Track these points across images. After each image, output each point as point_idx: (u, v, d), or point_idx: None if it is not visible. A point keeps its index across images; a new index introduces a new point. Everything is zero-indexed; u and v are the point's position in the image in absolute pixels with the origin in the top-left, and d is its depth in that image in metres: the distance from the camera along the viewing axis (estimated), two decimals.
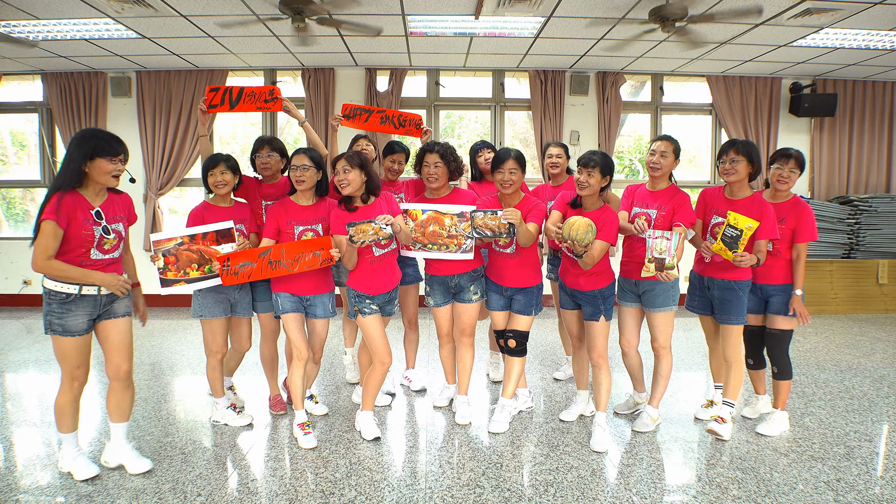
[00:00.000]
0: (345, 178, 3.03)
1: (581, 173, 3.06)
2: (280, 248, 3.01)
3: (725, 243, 2.98)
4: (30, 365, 4.68)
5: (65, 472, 2.76)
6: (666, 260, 2.92)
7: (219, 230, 3.08)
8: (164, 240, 3.00)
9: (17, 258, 7.06)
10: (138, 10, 4.80)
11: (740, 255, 2.94)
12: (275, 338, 3.52)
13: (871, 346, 5.27)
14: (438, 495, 2.60)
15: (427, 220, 3.20)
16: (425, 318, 6.04)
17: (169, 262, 2.99)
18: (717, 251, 3.02)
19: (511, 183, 3.15)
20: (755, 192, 3.17)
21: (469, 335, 3.46)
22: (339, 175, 3.05)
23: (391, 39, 5.74)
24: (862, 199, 6.83)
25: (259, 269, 3.00)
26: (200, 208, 3.22)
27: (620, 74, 6.91)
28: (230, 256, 2.96)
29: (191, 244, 3.02)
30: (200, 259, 3.04)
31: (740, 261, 2.94)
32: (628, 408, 3.59)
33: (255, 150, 3.45)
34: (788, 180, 3.17)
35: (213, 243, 3.06)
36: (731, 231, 2.95)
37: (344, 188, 3.05)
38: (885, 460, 2.95)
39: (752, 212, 3.03)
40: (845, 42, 5.63)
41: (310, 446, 3.11)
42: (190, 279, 3.03)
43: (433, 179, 3.31)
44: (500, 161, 3.16)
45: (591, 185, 3.04)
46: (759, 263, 3.07)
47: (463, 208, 3.19)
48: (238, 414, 3.37)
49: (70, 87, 6.76)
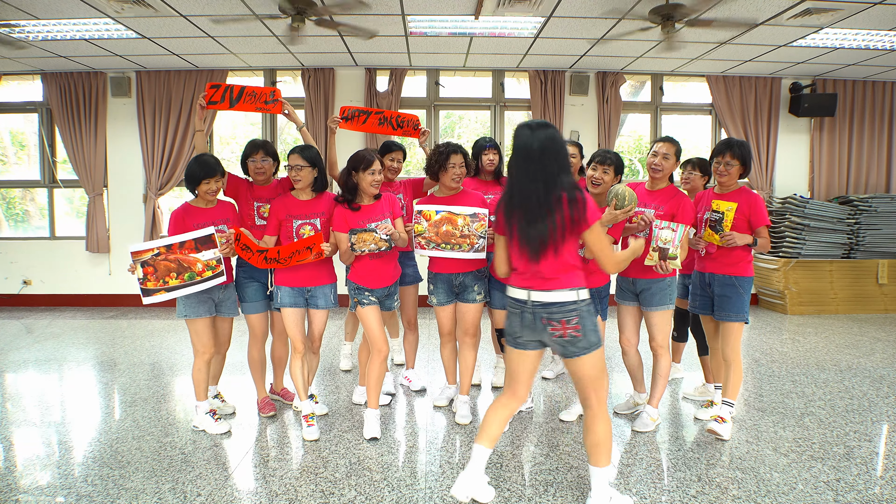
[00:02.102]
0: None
1: (596, 170, 3.12)
2: (276, 251, 3.10)
3: (712, 228, 3.14)
4: (30, 365, 4.68)
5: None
6: (669, 250, 2.99)
7: (197, 238, 3.06)
8: (141, 251, 2.99)
9: (17, 258, 7.06)
10: (138, 9, 4.81)
11: (728, 235, 3.08)
12: (263, 340, 3.52)
13: (870, 346, 5.27)
14: (438, 495, 2.60)
15: (440, 220, 3.22)
16: (425, 319, 6.05)
17: (148, 272, 2.99)
18: (707, 238, 3.17)
19: None
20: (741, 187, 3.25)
21: (472, 335, 3.47)
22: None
23: (391, 39, 5.75)
24: (862, 198, 6.83)
25: (256, 260, 3.13)
26: (181, 210, 3.19)
27: (620, 74, 6.91)
28: (240, 234, 3.10)
29: (168, 254, 3.00)
30: (179, 267, 3.02)
31: (729, 239, 3.07)
32: (628, 408, 3.59)
33: (248, 155, 3.42)
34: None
35: (191, 251, 3.04)
36: (715, 215, 3.13)
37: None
38: (884, 460, 2.95)
39: (741, 201, 3.15)
40: (845, 42, 5.63)
41: (312, 438, 3.17)
42: (170, 287, 3.02)
43: (458, 180, 3.32)
44: None
45: (606, 182, 3.13)
46: (756, 244, 3.15)
47: (476, 209, 3.21)
48: (216, 421, 3.31)
49: (70, 87, 6.76)
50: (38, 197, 7.44)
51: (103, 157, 6.88)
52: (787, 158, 7.27)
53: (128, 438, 3.22)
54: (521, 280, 2.40)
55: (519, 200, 2.34)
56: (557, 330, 2.33)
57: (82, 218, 7.15)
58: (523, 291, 2.38)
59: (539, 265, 2.34)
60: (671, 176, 3.29)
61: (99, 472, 2.81)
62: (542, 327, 2.35)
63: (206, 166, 3.13)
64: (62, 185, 7.12)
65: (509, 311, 2.46)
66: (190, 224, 3.14)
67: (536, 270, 2.35)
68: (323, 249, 3.09)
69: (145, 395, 3.93)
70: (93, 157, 6.83)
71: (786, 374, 4.38)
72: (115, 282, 7.06)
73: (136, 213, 6.97)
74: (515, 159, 2.38)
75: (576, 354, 2.35)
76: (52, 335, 5.68)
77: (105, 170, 6.91)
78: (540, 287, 2.35)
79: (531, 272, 2.36)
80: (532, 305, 2.35)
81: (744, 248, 3.19)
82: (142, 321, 6.32)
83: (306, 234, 3.22)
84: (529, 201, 2.32)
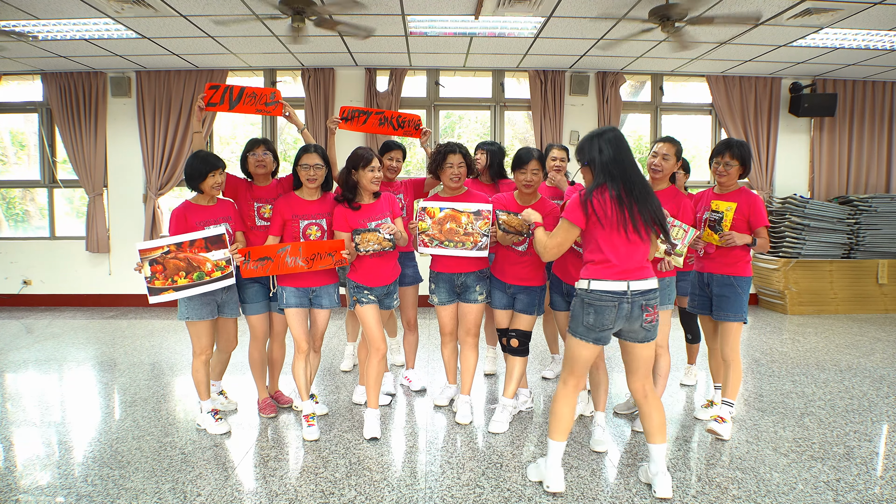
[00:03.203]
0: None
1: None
2: (298, 247, 3.07)
3: (711, 228, 3.17)
4: (30, 365, 4.68)
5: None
6: (678, 246, 3.01)
7: (208, 237, 3.04)
8: (150, 248, 2.95)
9: (17, 258, 7.06)
10: (138, 9, 4.81)
11: (727, 235, 3.10)
12: (264, 341, 3.52)
13: (870, 346, 5.27)
14: (438, 495, 2.60)
15: (444, 217, 3.22)
16: (425, 319, 6.05)
17: (156, 270, 2.95)
18: (706, 238, 3.18)
19: (533, 183, 3.18)
20: (741, 187, 3.26)
21: (474, 335, 3.47)
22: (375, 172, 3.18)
23: (391, 39, 5.75)
24: (862, 198, 6.83)
25: (276, 265, 3.08)
26: (182, 208, 3.18)
27: (620, 74, 6.91)
28: (251, 250, 3.06)
29: (178, 252, 2.98)
30: (188, 266, 3.00)
31: (728, 239, 3.09)
32: (628, 408, 3.59)
33: (250, 149, 3.41)
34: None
35: (201, 250, 3.02)
36: (714, 215, 3.16)
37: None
38: (884, 460, 2.95)
39: (741, 201, 3.17)
40: (845, 42, 5.63)
41: (313, 438, 3.18)
42: (178, 287, 2.99)
43: (456, 179, 3.32)
44: (524, 162, 3.16)
45: None
46: (755, 243, 3.16)
47: (480, 206, 3.20)
48: (217, 421, 3.31)
49: (70, 87, 6.76)
50: (38, 197, 7.44)
51: (103, 157, 6.88)
52: (787, 158, 7.27)
53: (128, 438, 3.22)
54: (615, 273, 2.46)
55: (639, 190, 2.48)
56: (651, 315, 2.50)
57: (82, 218, 7.15)
58: (622, 283, 2.45)
59: (639, 253, 2.49)
60: (672, 176, 3.29)
61: (99, 472, 2.81)
62: (640, 314, 2.48)
63: (209, 159, 3.13)
64: (62, 185, 7.13)
65: (597, 305, 2.47)
66: (192, 222, 3.13)
67: (633, 259, 2.47)
68: (345, 258, 3.10)
69: (145, 395, 3.93)
70: (93, 157, 6.83)
71: (786, 374, 4.38)
72: (115, 282, 7.06)
73: (136, 213, 6.97)
74: (621, 153, 2.53)
75: (649, 339, 2.55)
76: (51, 335, 5.68)
77: (105, 170, 6.91)
78: (637, 276, 2.47)
79: (625, 263, 2.46)
80: (631, 295, 2.45)
81: (742, 248, 3.19)
82: (142, 321, 6.32)
83: (313, 234, 3.22)
84: (644, 189, 2.49)
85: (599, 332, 2.49)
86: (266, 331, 3.51)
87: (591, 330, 2.49)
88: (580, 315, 2.51)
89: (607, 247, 2.47)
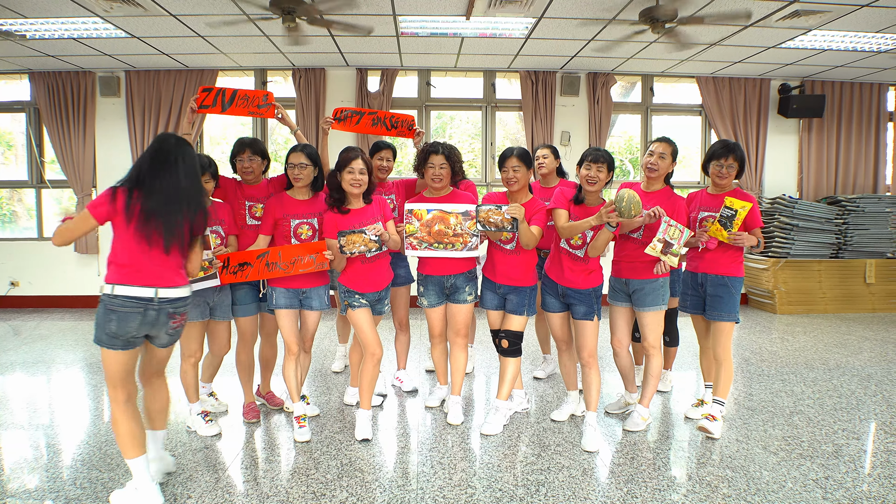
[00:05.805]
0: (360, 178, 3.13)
1: (591, 169, 3.09)
2: (277, 251, 3.06)
3: (721, 224, 3.13)
4: (17, 367, 4.63)
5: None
6: (674, 246, 3.01)
7: None
8: None
9: (4, 259, 6.99)
10: (127, 9, 4.77)
11: (736, 234, 3.08)
12: (252, 343, 3.48)
13: (858, 344, 5.32)
14: (430, 496, 2.60)
15: (432, 219, 3.20)
16: (416, 320, 6.04)
17: None
18: (714, 233, 3.15)
19: (515, 180, 3.17)
20: (736, 188, 3.28)
21: (463, 336, 3.46)
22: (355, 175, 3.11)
23: (382, 40, 5.74)
24: (849, 199, 6.90)
25: (256, 270, 3.07)
26: None
27: (611, 75, 6.94)
28: (230, 256, 3.05)
29: None
30: None
31: (737, 239, 3.09)
32: (619, 407, 3.60)
33: (236, 153, 3.39)
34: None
35: None
36: (727, 212, 3.12)
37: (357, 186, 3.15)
38: (872, 458, 2.98)
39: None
40: (833, 44, 5.68)
41: (304, 439, 3.16)
42: None
43: (438, 180, 3.30)
44: (503, 159, 3.19)
45: (601, 180, 3.11)
46: (760, 245, 3.19)
47: (468, 207, 3.19)
48: (207, 423, 3.28)
49: (58, 86, 6.70)
50: (25, 197, 7.37)
51: (92, 158, 6.82)
52: (776, 159, 7.33)
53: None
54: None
55: None
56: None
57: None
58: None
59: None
60: (668, 177, 3.29)
61: (88, 475, 2.78)
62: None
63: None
64: (50, 186, 7.06)
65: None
66: None
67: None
68: (327, 259, 3.07)
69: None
70: (81, 157, 6.77)
71: (775, 373, 4.41)
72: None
73: None
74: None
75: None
76: (40, 337, 5.62)
77: (94, 170, 6.85)
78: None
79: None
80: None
81: (738, 249, 3.21)
82: None
83: (304, 233, 3.21)
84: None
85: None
86: (255, 333, 3.47)
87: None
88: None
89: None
